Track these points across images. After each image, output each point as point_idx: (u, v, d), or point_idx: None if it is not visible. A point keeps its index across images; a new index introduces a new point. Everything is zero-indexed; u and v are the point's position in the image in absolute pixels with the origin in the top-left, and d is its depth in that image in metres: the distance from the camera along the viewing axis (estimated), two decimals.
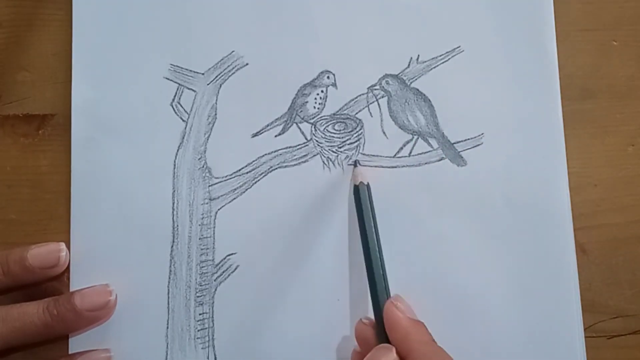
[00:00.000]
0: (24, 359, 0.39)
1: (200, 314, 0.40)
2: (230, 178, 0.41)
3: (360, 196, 0.39)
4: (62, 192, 0.41)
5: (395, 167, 0.41)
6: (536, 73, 0.42)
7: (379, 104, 0.42)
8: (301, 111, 0.42)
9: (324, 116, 0.42)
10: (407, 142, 0.42)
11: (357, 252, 0.40)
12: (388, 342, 0.36)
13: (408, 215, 0.41)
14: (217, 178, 0.41)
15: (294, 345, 0.39)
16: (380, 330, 0.36)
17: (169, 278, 0.40)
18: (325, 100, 0.42)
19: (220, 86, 0.42)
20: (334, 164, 0.41)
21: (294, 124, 0.42)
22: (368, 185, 0.39)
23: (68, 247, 0.39)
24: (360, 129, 0.42)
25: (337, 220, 0.41)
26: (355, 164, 0.41)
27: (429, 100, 0.42)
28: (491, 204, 0.41)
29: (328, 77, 0.42)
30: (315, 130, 0.42)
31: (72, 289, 0.39)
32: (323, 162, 0.41)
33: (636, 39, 0.43)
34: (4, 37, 0.42)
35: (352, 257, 0.40)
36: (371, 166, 0.41)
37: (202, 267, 0.40)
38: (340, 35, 0.42)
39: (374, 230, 0.38)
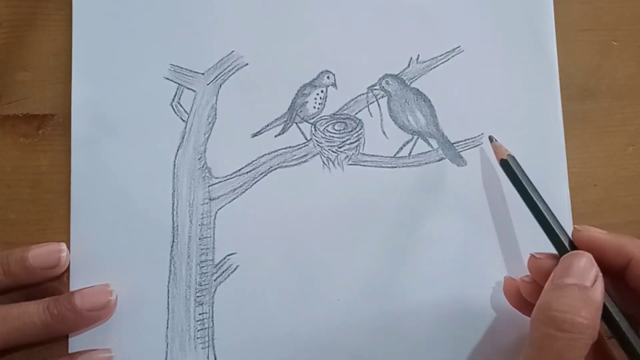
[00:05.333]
0: (24, 359, 0.39)
1: (200, 314, 0.40)
2: (230, 178, 0.41)
3: (513, 168, 0.38)
4: (62, 192, 0.40)
5: (395, 167, 0.41)
6: (536, 73, 0.42)
7: (379, 104, 0.42)
8: (301, 111, 0.42)
9: (324, 116, 0.42)
10: (407, 142, 0.42)
11: (356, 252, 0.40)
12: None
13: (408, 215, 0.41)
14: (217, 178, 0.41)
15: (294, 345, 0.39)
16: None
17: (169, 278, 0.40)
18: (325, 100, 0.42)
19: (220, 86, 0.42)
20: (334, 164, 0.41)
21: (294, 124, 0.42)
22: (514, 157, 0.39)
23: (68, 247, 0.39)
24: (360, 129, 0.42)
25: (337, 220, 0.41)
26: (491, 139, 0.40)
27: (429, 100, 0.42)
28: (491, 204, 0.41)
29: (328, 77, 0.42)
30: (315, 130, 0.42)
31: (72, 289, 0.39)
32: (323, 162, 0.41)
33: (636, 39, 0.43)
34: (4, 37, 0.42)
35: (353, 257, 0.40)
36: (371, 166, 0.41)
37: (202, 267, 0.40)
38: (340, 35, 0.42)
39: (537, 191, 0.37)
